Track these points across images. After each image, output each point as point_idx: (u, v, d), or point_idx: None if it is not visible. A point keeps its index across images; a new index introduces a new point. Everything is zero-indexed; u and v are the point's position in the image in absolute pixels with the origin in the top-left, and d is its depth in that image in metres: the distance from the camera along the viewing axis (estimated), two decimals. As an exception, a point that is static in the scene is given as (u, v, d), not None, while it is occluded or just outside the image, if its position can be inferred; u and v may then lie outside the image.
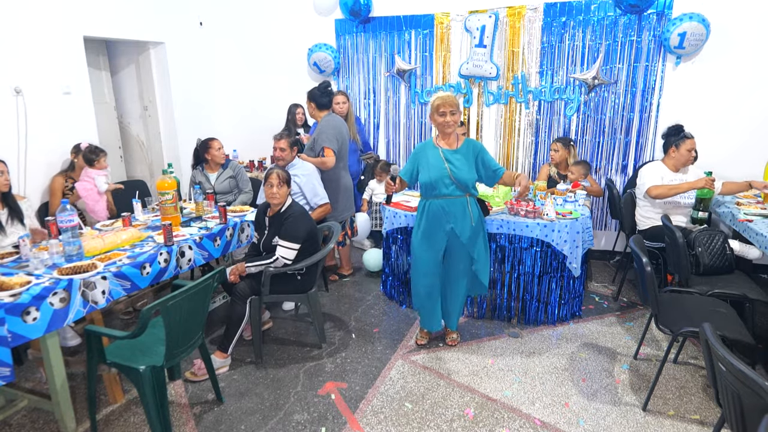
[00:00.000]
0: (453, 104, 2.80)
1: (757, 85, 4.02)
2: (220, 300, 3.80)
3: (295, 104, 5.03)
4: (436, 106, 2.82)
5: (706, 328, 1.78)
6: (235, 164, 4.19)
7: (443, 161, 2.87)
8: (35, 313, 2.19)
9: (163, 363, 2.29)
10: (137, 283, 2.64)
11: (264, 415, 2.61)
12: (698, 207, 3.43)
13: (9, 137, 3.58)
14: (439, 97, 2.82)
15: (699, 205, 3.42)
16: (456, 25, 4.66)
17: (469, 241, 2.94)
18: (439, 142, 2.94)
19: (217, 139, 4.11)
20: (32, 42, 3.69)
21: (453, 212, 2.90)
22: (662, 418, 2.53)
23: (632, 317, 3.60)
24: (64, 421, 2.41)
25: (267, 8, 5.22)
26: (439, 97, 2.82)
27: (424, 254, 3.01)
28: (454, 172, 2.85)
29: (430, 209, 2.94)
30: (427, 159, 2.91)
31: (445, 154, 2.88)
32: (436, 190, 2.89)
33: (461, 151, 2.90)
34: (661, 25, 4.10)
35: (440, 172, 2.86)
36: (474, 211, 2.94)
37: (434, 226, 2.94)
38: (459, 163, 2.87)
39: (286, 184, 3.04)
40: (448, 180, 2.86)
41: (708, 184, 3.35)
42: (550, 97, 4.52)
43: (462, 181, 2.86)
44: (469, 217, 2.91)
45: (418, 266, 3.07)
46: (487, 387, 2.82)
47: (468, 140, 2.95)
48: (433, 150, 2.93)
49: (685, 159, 3.52)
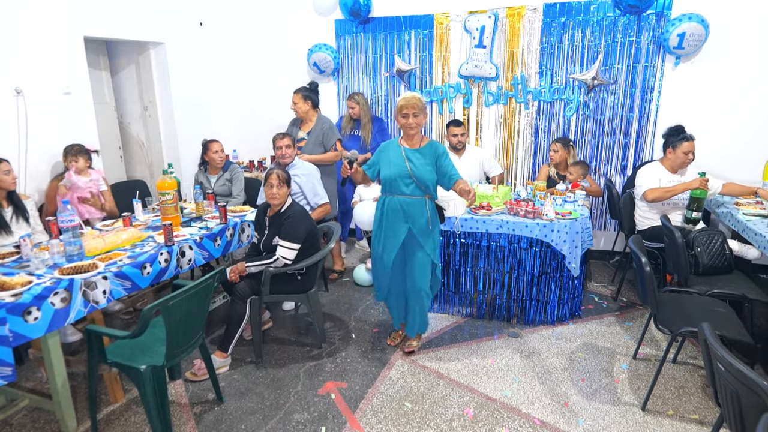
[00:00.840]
0: (416, 106, 2.80)
1: (757, 85, 4.02)
2: (220, 300, 3.81)
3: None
4: (399, 107, 2.84)
5: (705, 328, 1.79)
6: (234, 168, 4.19)
7: (404, 159, 2.89)
8: (36, 313, 2.19)
9: (164, 363, 2.30)
10: (138, 283, 2.64)
11: (264, 415, 2.62)
12: (692, 207, 3.44)
13: (9, 137, 3.58)
14: (403, 98, 2.83)
15: (693, 205, 3.43)
16: (455, 25, 4.66)
17: (425, 241, 2.94)
18: (402, 142, 2.97)
19: (216, 141, 4.11)
20: (32, 42, 3.70)
21: (411, 212, 2.91)
22: (661, 418, 2.54)
23: (631, 317, 3.61)
24: (65, 420, 2.42)
25: (267, 8, 5.23)
26: (403, 98, 2.83)
27: (383, 250, 3.04)
28: (414, 170, 2.86)
29: (389, 206, 2.96)
30: (389, 156, 2.94)
31: (407, 153, 2.91)
32: (396, 188, 2.92)
33: (423, 151, 2.91)
34: (660, 26, 4.11)
35: (400, 170, 2.88)
36: (431, 213, 2.94)
37: (392, 222, 2.96)
38: (419, 162, 2.88)
39: (285, 184, 3.04)
40: (408, 178, 2.88)
41: (702, 185, 3.36)
42: (549, 97, 4.53)
43: (421, 180, 2.86)
44: (426, 218, 2.91)
45: (377, 262, 3.11)
46: (487, 387, 2.82)
47: (432, 142, 2.95)
48: (396, 148, 2.96)
49: (681, 161, 3.53)
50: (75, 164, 3.55)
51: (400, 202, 2.92)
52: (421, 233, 2.93)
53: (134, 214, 3.48)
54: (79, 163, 3.56)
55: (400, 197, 2.92)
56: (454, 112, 4.87)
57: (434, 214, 2.98)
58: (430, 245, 2.96)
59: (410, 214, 2.91)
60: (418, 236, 2.93)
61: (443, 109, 4.89)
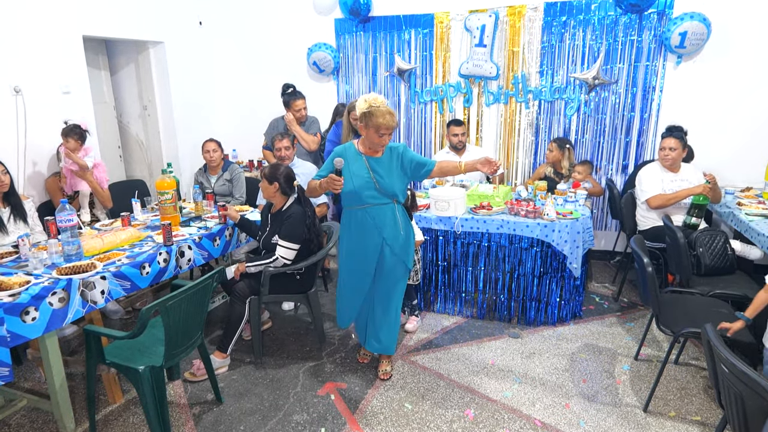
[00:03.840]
0: (394, 128, 2.60)
1: (759, 84, 4.01)
2: (219, 300, 3.80)
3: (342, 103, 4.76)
4: (377, 125, 2.55)
5: (708, 329, 1.77)
6: (234, 168, 4.17)
7: (368, 169, 2.66)
8: (34, 313, 2.18)
9: (163, 363, 2.29)
10: (137, 283, 2.63)
11: (263, 416, 2.60)
12: (692, 212, 3.40)
13: (8, 136, 3.57)
14: (383, 116, 2.54)
15: (693, 211, 3.40)
16: (456, 24, 4.65)
17: (401, 250, 2.74)
18: (360, 148, 2.72)
19: (211, 140, 4.08)
20: (31, 41, 3.68)
21: (382, 221, 2.68)
22: (663, 420, 2.52)
23: (633, 318, 3.59)
24: (63, 421, 2.41)
25: (266, 7, 5.21)
26: (383, 116, 2.54)
27: (354, 269, 2.81)
28: (380, 181, 2.65)
29: (356, 219, 2.72)
30: (350, 167, 2.66)
31: (370, 163, 2.67)
32: (362, 199, 2.67)
33: (384, 159, 2.68)
34: (661, 25, 4.09)
35: (365, 181, 2.64)
36: (402, 218, 2.75)
37: (364, 237, 2.72)
38: (384, 171, 2.66)
39: (267, 180, 2.99)
40: (374, 190, 2.65)
41: (705, 191, 3.34)
42: (550, 96, 4.51)
43: (389, 191, 2.66)
44: (398, 224, 2.71)
45: (346, 283, 2.86)
46: (488, 388, 2.81)
47: (390, 146, 2.71)
48: (356, 157, 2.69)
49: (660, 157, 3.54)
50: (66, 145, 3.53)
51: (367, 212, 2.69)
52: (395, 242, 2.71)
53: (133, 213, 3.47)
54: (69, 144, 3.52)
55: (367, 208, 2.69)
56: (454, 111, 4.85)
57: (405, 218, 2.78)
58: (404, 252, 2.75)
59: (381, 222, 2.68)
60: (393, 245, 2.71)
61: (443, 108, 4.88)
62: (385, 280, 2.79)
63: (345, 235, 2.82)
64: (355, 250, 2.78)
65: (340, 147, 2.78)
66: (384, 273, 2.78)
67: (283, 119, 4.32)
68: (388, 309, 2.83)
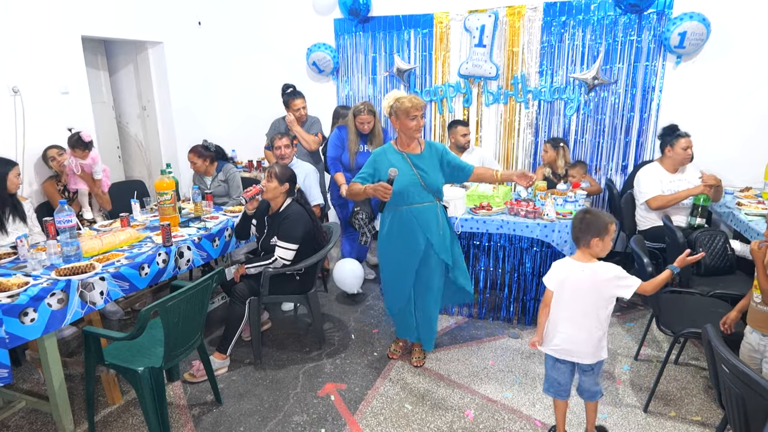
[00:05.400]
0: (421, 107, 2.64)
1: (759, 84, 4.00)
2: (219, 301, 3.79)
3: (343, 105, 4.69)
4: (406, 109, 2.60)
5: (708, 330, 1.77)
6: (228, 168, 4.08)
7: (411, 167, 2.70)
8: (33, 314, 2.18)
9: (162, 364, 2.28)
10: (136, 283, 2.63)
11: (263, 417, 2.60)
12: (695, 213, 3.42)
13: (7, 137, 3.56)
14: (409, 100, 2.61)
15: (695, 211, 3.41)
16: (455, 24, 4.64)
17: (442, 249, 2.78)
18: (399, 147, 2.75)
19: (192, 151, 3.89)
20: (30, 41, 3.68)
21: (426, 220, 2.73)
22: (663, 420, 2.52)
23: (633, 318, 3.59)
24: (62, 422, 2.40)
25: (266, 8, 5.21)
26: (409, 100, 2.61)
27: (399, 267, 2.84)
28: (425, 178, 2.69)
29: (401, 219, 2.75)
30: (392, 166, 2.66)
31: (413, 160, 2.71)
32: (407, 198, 2.70)
33: (425, 155, 2.74)
34: (661, 25, 4.09)
35: (410, 179, 2.67)
36: (443, 217, 2.81)
37: (408, 236, 2.75)
38: (427, 167, 2.71)
39: (275, 179, 2.98)
40: (419, 187, 2.70)
41: (705, 191, 3.35)
42: (549, 96, 4.51)
43: (434, 187, 2.72)
44: (439, 224, 2.76)
45: (393, 280, 2.91)
46: (488, 388, 2.80)
47: (429, 143, 2.79)
48: (396, 155, 2.72)
49: (682, 158, 3.52)
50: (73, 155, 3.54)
51: (412, 211, 2.72)
52: (438, 242, 2.75)
53: (132, 214, 3.46)
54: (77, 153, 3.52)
55: (412, 207, 2.72)
56: (454, 111, 4.85)
57: (446, 218, 2.84)
58: (445, 252, 2.78)
59: (425, 222, 2.72)
60: (435, 245, 2.75)
61: (443, 108, 4.87)
62: (426, 280, 2.85)
63: (388, 234, 2.82)
64: (398, 250, 2.81)
65: (379, 149, 2.80)
66: (426, 273, 2.84)
67: (284, 120, 4.31)
68: (429, 308, 2.90)
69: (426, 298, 2.89)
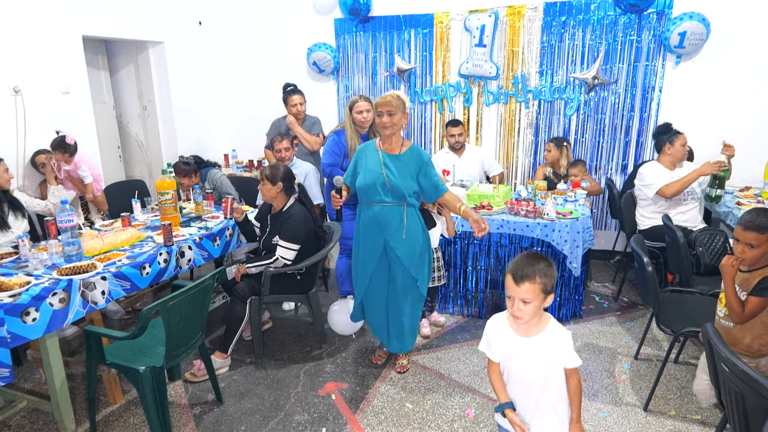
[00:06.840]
0: (390, 104, 2.56)
1: (759, 84, 4.01)
2: (219, 300, 3.79)
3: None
4: (375, 105, 2.66)
5: (708, 329, 1.78)
6: (212, 175, 3.90)
7: (381, 165, 2.65)
8: (34, 314, 2.18)
9: (163, 363, 2.29)
10: (137, 283, 2.63)
11: (264, 416, 2.60)
12: (714, 184, 3.48)
13: (8, 137, 3.57)
14: (380, 98, 2.62)
15: (715, 182, 3.48)
16: (456, 24, 4.65)
17: (405, 256, 2.68)
18: (380, 145, 2.72)
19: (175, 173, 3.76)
20: (31, 41, 3.68)
21: (386, 222, 2.65)
22: (663, 419, 2.52)
23: (633, 317, 3.59)
24: (64, 422, 2.40)
25: (266, 7, 5.21)
26: (380, 98, 2.62)
27: (361, 265, 2.82)
28: (390, 178, 2.61)
29: (365, 216, 2.74)
30: (366, 162, 2.69)
31: (384, 158, 2.66)
32: (371, 197, 2.67)
33: (403, 157, 2.66)
34: (661, 25, 4.09)
35: (376, 177, 2.63)
36: (410, 222, 2.68)
37: (368, 234, 2.73)
38: (398, 170, 2.63)
39: (269, 181, 2.99)
40: (384, 187, 2.63)
41: (714, 169, 3.38)
42: (550, 96, 4.51)
43: (397, 189, 2.61)
44: (404, 227, 2.66)
45: (355, 271, 2.90)
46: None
47: (414, 148, 2.69)
48: (373, 152, 2.71)
49: (681, 154, 3.54)
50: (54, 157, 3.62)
51: (374, 211, 2.68)
52: (398, 244, 2.67)
53: (133, 214, 3.46)
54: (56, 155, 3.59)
55: (375, 206, 2.68)
56: (454, 111, 4.85)
57: (414, 221, 2.71)
58: (409, 258, 2.69)
59: (385, 223, 2.66)
60: (395, 248, 2.67)
61: (443, 108, 4.88)
62: (394, 288, 2.78)
63: (356, 227, 2.85)
64: (360, 248, 2.82)
65: (362, 145, 2.82)
66: (393, 277, 2.77)
67: (284, 119, 4.32)
68: (399, 314, 2.81)
69: (392, 297, 2.81)
